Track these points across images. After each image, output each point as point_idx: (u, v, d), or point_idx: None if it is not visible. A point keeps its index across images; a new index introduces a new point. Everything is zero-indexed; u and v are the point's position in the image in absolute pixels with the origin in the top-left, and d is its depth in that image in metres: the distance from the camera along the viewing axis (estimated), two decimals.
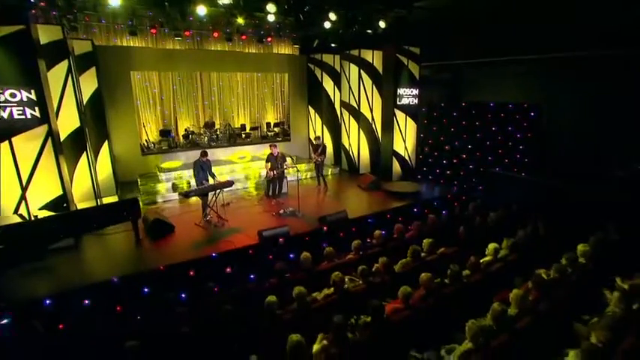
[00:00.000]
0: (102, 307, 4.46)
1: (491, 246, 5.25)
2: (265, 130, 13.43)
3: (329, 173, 11.17)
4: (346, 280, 4.80)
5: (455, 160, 9.94)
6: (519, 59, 8.39)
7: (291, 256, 5.79)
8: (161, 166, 10.22)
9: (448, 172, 10.05)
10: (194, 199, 8.64)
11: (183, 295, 4.78)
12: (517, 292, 3.92)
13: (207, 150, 7.82)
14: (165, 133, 11.41)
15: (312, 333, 3.56)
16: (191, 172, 7.68)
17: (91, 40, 8.16)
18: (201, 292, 4.37)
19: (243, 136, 12.82)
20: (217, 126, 12.56)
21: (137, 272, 4.92)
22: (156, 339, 3.42)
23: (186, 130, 11.93)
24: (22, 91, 5.21)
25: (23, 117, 5.29)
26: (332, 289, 4.56)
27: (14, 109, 5.20)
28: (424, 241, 5.59)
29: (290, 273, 4.88)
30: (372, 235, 5.98)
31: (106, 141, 8.57)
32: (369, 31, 9.24)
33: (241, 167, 10.65)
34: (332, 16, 7.62)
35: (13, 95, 5.15)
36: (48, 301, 4.17)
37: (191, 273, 5.11)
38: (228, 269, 5.34)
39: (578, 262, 4.94)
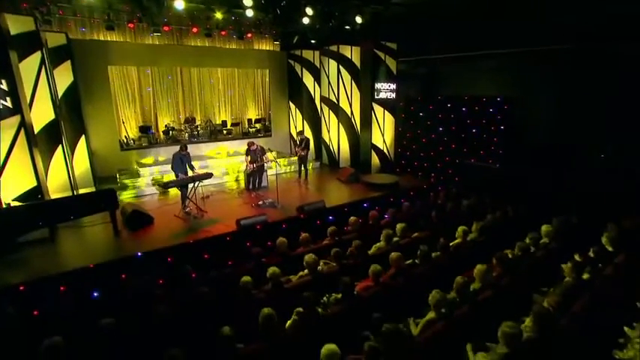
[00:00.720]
0: (79, 293, 4.47)
1: (461, 229, 5.49)
2: (247, 126, 13.48)
3: (310, 167, 11.32)
4: (321, 263, 4.96)
5: (432, 153, 10.23)
6: (492, 53, 8.71)
7: (269, 243, 5.90)
8: (141, 161, 10.16)
9: (425, 164, 10.34)
10: (173, 193, 8.66)
11: (161, 282, 4.83)
12: (480, 267, 4.15)
13: (188, 145, 7.85)
14: (145, 130, 11.32)
15: (285, 311, 3.69)
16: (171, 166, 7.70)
17: (65, 32, 8.06)
18: (179, 276, 4.45)
19: (225, 132, 12.83)
20: (198, 122, 12.54)
21: (115, 259, 4.95)
22: (132, 317, 3.48)
23: (166, 126, 11.88)
24: None
25: None
26: (306, 270, 4.72)
27: None
28: (397, 225, 5.79)
29: (266, 258, 5.01)
30: (348, 222, 6.17)
31: (83, 135, 8.48)
32: (348, 27, 9.47)
33: (222, 162, 10.68)
34: (309, 10, 7.76)
35: None
36: (22, 287, 4.18)
37: (169, 259, 5.17)
38: (205, 256, 5.41)
39: (542, 241, 5.25)
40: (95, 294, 4.55)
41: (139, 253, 5.03)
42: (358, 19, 8.57)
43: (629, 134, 6.88)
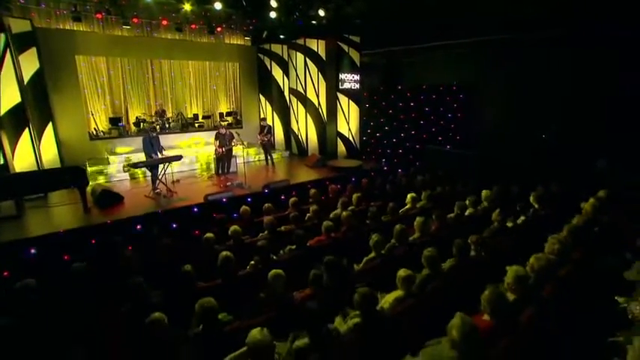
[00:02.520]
0: (49, 257, 4.71)
1: (410, 196, 6.06)
2: (218, 119, 13.75)
3: (280, 157, 11.76)
4: (282, 228, 5.40)
5: (394, 140, 10.90)
6: (446, 44, 9.43)
7: (234, 215, 6.28)
8: (115, 150, 10.27)
9: (388, 150, 10.99)
10: (143, 178, 8.89)
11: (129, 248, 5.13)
12: (419, 219, 4.71)
13: (160, 136, 8.10)
14: (115, 121, 11.39)
15: (244, 263, 4.11)
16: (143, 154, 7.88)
17: (30, 19, 8.16)
18: (146, 237, 4.79)
19: (196, 125, 13.07)
20: (170, 115, 12.71)
21: (85, 225, 5.20)
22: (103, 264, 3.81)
23: (137, 118, 11.99)
24: None
25: None
26: (266, 232, 5.15)
27: None
28: (353, 195, 6.33)
29: (229, 223, 5.39)
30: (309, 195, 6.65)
31: (50, 123, 8.56)
32: (314, 22, 10.03)
33: (192, 151, 10.94)
34: (273, 3, 8.23)
35: None
36: None
37: (138, 227, 5.47)
38: (174, 225, 5.74)
39: (482, 204, 5.90)
40: (65, 257, 4.80)
41: (109, 221, 5.30)
42: (321, 13, 9.11)
43: (568, 115, 7.69)
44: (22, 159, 7.08)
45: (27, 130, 7.12)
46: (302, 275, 3.92)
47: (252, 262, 4.09)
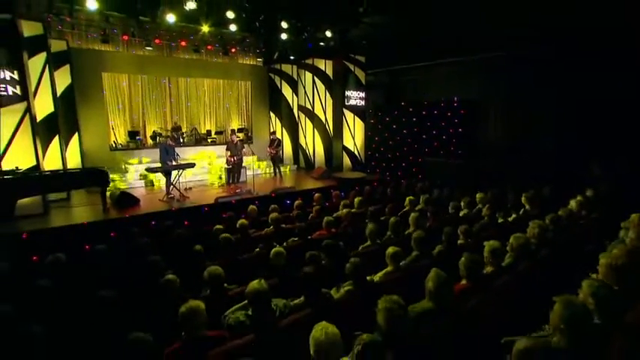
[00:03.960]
0: (72, 246, 5.15)
1: (408, 199, 6.40)
2: (230, 135, 14.39)
3: (287, 170, 12.25)
4: (284, 226, 5.77)
5: (397, 154, 11.31)
6: (446, 62, 9.99)
7: (242, 215, 6.67)
8: (129, 161, 10.91)
9: (392, 164, 11.38)
10: (158, 186, 9.42)
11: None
12: (414, 214, 5.04)
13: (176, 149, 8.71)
14: (133, 135, 12.12)
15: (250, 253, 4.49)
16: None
17: (66, 40, 9.04)
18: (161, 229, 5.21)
19: (209, 140, 13.74)
20: (184, 130, 13.43)
21: (104, 219, 5.67)
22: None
23: (154, 131, 12.72)
24: (6, 71, 6.04)
25: (5, 94, 6.08)
26: (271, 227, 5.52)
27: None
28: (355, 199, 6.70)
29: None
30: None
31: (76, 133, 9.27)
32: (322, 43, 10.77)
33: (205, 164, 11.52)
34: (284, 24, 8.95)
35: None
36: (24, 236, 4.86)
37: (152, 223, 5.90)
38: (185, 222, 6.15)
39: (477, 206, 6.19)
40: (87, 247, 5.22)
41: (127, 215, 5.76)
42: (328, 34, 9.81)
43: (564, 131, 8.03)
44: (50, 163, 7.67)
45: (57, 137, 7.77)
46: (303, 263, 4.28)
47: (257, 249, 4.46)
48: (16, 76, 6.13)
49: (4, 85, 6.04)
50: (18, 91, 6.19)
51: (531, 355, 1.61)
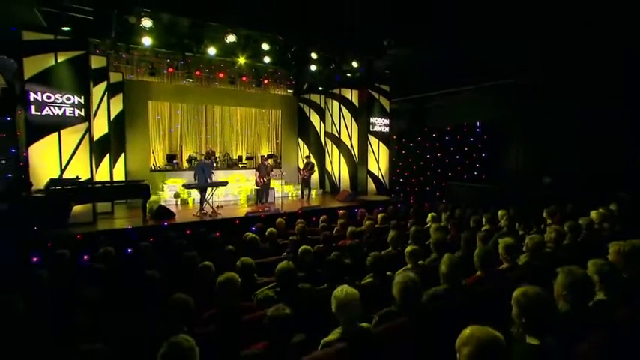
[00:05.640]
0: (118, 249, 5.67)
1: (430, 215, 6.56)
2: (260, 161, 15.14)
3: (314, 193, 12.64)
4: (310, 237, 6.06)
5: (421, 178, 11.48)
6: (470, 88, 10.34)
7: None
8: (166, 182, 11.73)
9: (416, 189, 11.53)
10: (192, 204, 10.05)
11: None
12: (435, 225, 5.22)
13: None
14: (170, 159, 13.11)
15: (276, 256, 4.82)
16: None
17: (122, 72, 10.24)
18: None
19: (240, 165, 14.52)
20: (218, 155, 14.31)
21: (145, 225, 6.20)
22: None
23: (189, 156, 13.65)
24: (75, 96, 6.99)
25: (72, 115, 7.01)
26: (298, 236, 5.83)
27: (67, 109, 6.94)
28: (378, 215, 6.93)
29: None
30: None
31: (123, 154, 10.21)
32: (349, 74, 11.49)
33: (236, 186, 12.15)
34: (313, 55, 9.73)
35: (68, 98, 6.93)
36: (79, 236, 5.44)
37: (188, 232, 6.38)
38: (217, 233, 6.57)
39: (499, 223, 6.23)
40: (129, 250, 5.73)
41: (165, 223, 6.28)
42: (355, 64, 10.50)
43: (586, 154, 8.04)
44: (100, 178, 8.49)
45: (108, 155, 8.64)
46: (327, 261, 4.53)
47: (284, 253, 4.77)
48: (82, 101, 7.07)
49: (72, 109, 6.97)
50: (82, 113, 7.11)
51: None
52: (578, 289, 1.95)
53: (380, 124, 12.03)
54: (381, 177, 12.18)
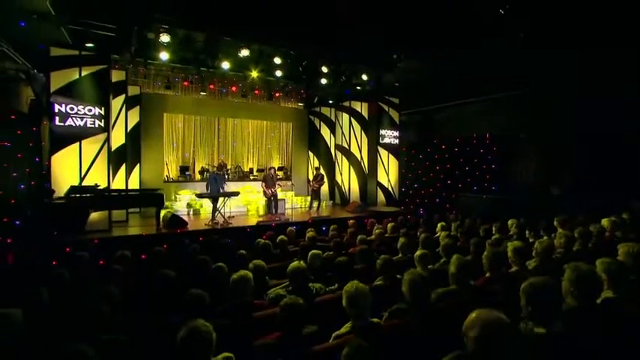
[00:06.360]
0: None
1: (440, 224, 6.58)
2: (273, 174, 15.33)
3: (324, 205, 12.72)
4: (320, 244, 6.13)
5: (431, 190, 11.48)
6: (479, 100, 10.43)
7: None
8: (179, 192, 11.97)
9: (426, 200, 11.52)
10: (204, 214, 10.22)
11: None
12: (444, 233, 5.24)
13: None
14: (183, 170, 13.40)
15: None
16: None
17: (140, 86, 10.64)
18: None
19: (251, 177, 14.73)
20: (229, 167, 14.57)
21: (158, 233, 6.36)
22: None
23: (202, 167, 13.93)
24: (96, 108, 7.32)
25: (93, 126, 7.31)
26: (307, 241, 5.90)
27: (88, 120, 7.25)
28: (388, 225, 6.96)
29: None
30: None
31: (138, 164, 10.51)
32: (358, 87, 11.71)
33: (247, 197, 12.32)
34: (324, 68, 9.98)
35: (90, 110, 7.26)
36: (96, 241, 5.62)
37: (200, 239, 6.51)
38: (228, 240, 6.68)
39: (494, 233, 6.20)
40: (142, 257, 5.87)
41: (178, 230, 6.42)
42: (364, 77, 10.72)
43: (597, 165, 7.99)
44: (116, 187, 8.75)
45: (124, 165, 8.92)
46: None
47: (295, 259, 4.83)
48: (102, 112, 7.39)
49: (92, 120, 7.29)
50: (102, 124, 7.42)
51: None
52: (585, 284, 1.98)
53: (389, 135, 12.15)
54: (390, 188, 12.22)
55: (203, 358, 1.73)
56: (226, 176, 13.92)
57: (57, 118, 6.96)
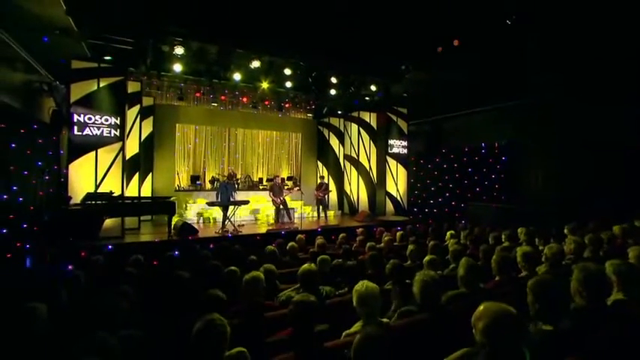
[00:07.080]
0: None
1: (449, 233, 6.57)
2: (280, 182, 15.48)
3: (332, 214, 12.75)
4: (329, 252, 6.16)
5: (440, 199, 11.44)
6: (487, 109, 10.46)
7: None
8: (189, 201, 12.15)
9: (435, 210, 11.48)
10: (214, 223, 10.35)
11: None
12: (453, 240, 5.24)
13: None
14: (194, 179, 13.62)
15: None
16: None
17: (153, 97, 10.95)
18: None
19: (261, 187, 14.87)
20: (239, 176, 14.75)
21: (170, 240, 6.48)
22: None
23: (212, 177, 14.13)
24: (112, 118, 7.57)
25: (109, 135, 7.55)
26: (316, 248, 5.94)
27: (104, 129, 7.49)
28: (397, 233, 6.97)
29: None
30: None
31: (151, 173, 10.74)
32: (367, 98, 11.86)
33: (256, 206, 12.43)
34: (333, 79, 10.16)
35: (106, 120, 7.51)
36: (110, 247, 5.75)
37: (211, 245, 6.60)
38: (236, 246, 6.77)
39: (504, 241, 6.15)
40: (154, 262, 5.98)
41: (190, 237, 6.53)
42: (373, 88, 10.86)
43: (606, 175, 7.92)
44: (130, 194, 8.96)
45: (137, 174, 9.14)
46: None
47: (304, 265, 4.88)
48: (118, 122, 7.63)
49: (108, 129, 7.53)
50: (117, 133, 7.65)
51: None
52: (593, 284, 2.00)
53: (398, 145, 12.22)
54: (399, 198, 12.22)
55: (218, 351, 1.79)
56: (236, 185, 14.12)
57: (75, 128, 7.22)
